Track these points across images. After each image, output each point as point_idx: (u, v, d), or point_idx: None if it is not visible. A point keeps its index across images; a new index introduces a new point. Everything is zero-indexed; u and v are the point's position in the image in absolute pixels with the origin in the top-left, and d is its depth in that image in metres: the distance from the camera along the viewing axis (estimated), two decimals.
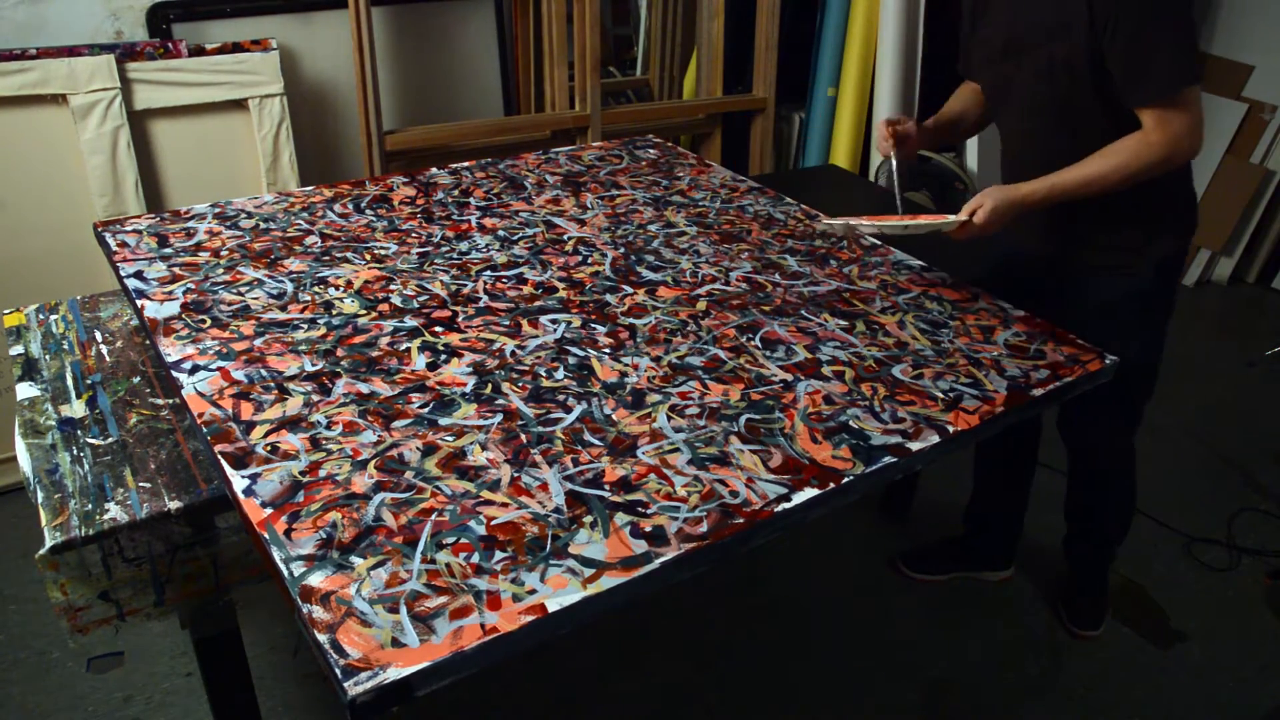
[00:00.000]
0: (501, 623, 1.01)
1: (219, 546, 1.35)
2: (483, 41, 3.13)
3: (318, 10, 2.78)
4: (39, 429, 1.46)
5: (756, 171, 3.55)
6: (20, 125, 2.39)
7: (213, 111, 2.62)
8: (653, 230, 1.96)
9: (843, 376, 1.50)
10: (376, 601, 1.03)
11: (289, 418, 1.31)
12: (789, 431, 1.36)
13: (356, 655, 0.96)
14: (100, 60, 2.41)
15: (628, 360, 1.50)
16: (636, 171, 2.28)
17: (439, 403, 1.36)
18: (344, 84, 2.88)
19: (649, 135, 2.56)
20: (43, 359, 1.62)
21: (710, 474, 1.26)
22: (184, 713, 1.95)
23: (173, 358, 1.44)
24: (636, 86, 3.72)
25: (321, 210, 1.95)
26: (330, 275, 1.69)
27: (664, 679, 2.08)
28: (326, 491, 1.18)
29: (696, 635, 2.20)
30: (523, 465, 1.25)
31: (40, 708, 1.95)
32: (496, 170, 2.22)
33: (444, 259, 1.78)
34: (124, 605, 1.32)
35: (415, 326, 1.55)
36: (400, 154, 2.90)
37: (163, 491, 1.33)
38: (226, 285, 1.64)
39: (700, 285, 1.75)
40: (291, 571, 1.06)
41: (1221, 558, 2.50)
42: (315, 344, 1.49)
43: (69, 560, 1.26)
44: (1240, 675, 2.16)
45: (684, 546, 1.14)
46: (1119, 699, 2.09)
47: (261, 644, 2.09)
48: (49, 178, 2.44)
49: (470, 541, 1.12)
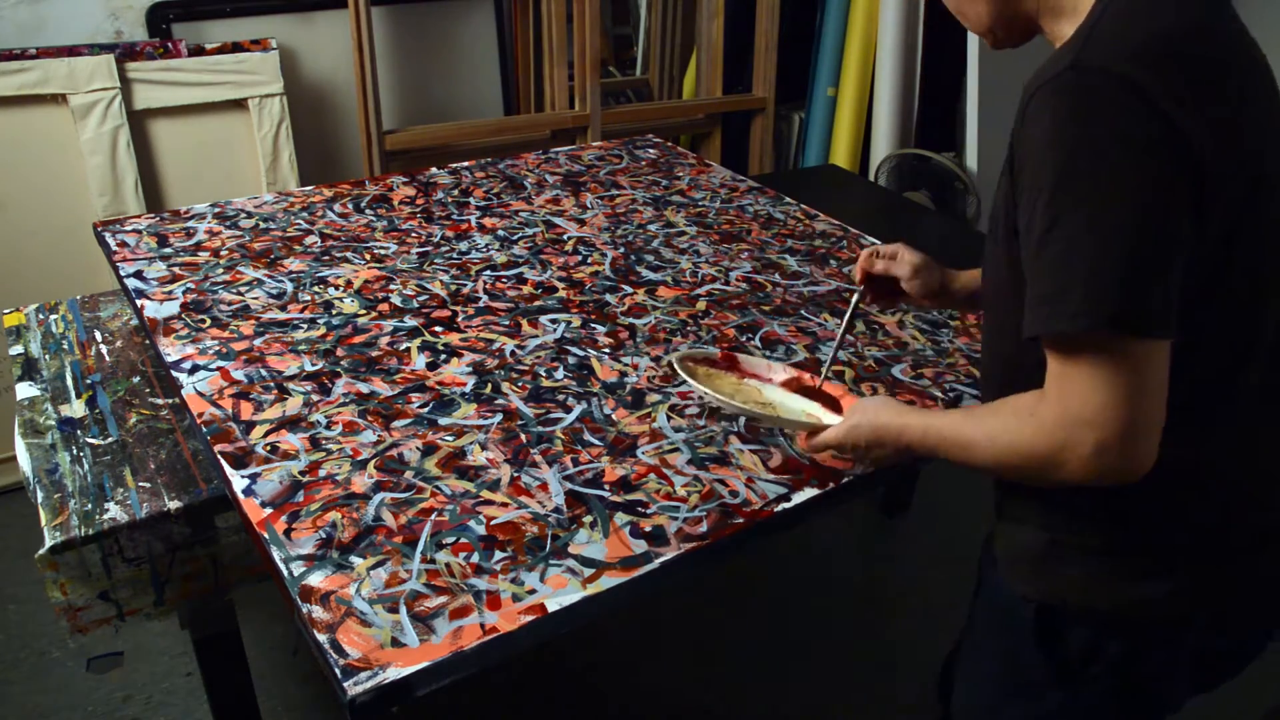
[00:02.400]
0: (501, 623, 1.01)
1: (219, 546, 1.35)
2: (483, 41, 3.13)
3: (318, 10, 2.78)
4: (39, 429, 1.46)
5: (756, 171, 3.55)
6: (20, 125, 2.39)
7: (213, 111, 2.62)
8: (653, 230, 1.96)
9: (843, 376, 1.50)
10: (376, 601, 1.02)
11: (289, 417, 1.31)
12: (789, 432, 1.36)
13: (356, 655, 0.96)
14: (100, 60, 2.41)
15: (628, 360, 1.50)
16: (636, 171, 2.28)
17: (439, 402, 1.36)
18: (344, 84, 2.88)
19: (649, 135, 2.56)
20: (42, 359, 1.62)
21: (710, 474, 1.26)
22: (184, 713, 1.95)
23: (172, 358, 1.43)
24: (636, 86, 3.72)
25: (321, 210, 1.95)
26: (330, 275, 1.69)
27: (664, 679, 2.08)
28: (326, 491, 1.18)
29: (696, 635, 2.20)
30: (523, 465, 1.25)
31: (40, 708, 1.95)
32: (496, 170, 2.22)
33: (444, 259, 1.78)
34: (124, 605, 1.32)
35: (415, 326, 1.55)
36: (400, 154, 2.90)
37: (162, 491, 1.33)
38: (226, 285, 1.64)
39: (700, 285, 1.75)
40: (291, 571, 1.06)
41: None
42: (315, 344, 1.49)
43: (69, 560, 1.26)
44: (1240, 675, 2.16)
45: (684, 546, 1.14)
46: None
47: (261, 644, 2.09)
48: (49, 178, 2.44)
49: (470, 541, 1.12)
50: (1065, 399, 0.83)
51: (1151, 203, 0.78)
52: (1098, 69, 0.80)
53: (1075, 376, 0.82)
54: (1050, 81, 0.82)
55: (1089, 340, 0.80)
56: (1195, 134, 0.79)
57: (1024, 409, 0.88)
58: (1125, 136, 0.78)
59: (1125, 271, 0.79)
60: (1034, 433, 0.85)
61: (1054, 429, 0.83)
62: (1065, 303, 0.80)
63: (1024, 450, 0.86)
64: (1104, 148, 0.79)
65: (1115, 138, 0.79)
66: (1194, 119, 0.79)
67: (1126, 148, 0.78)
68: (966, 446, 0.94)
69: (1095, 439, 0.81)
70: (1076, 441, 0.82)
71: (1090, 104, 0.79)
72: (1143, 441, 0.81)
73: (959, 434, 0.96)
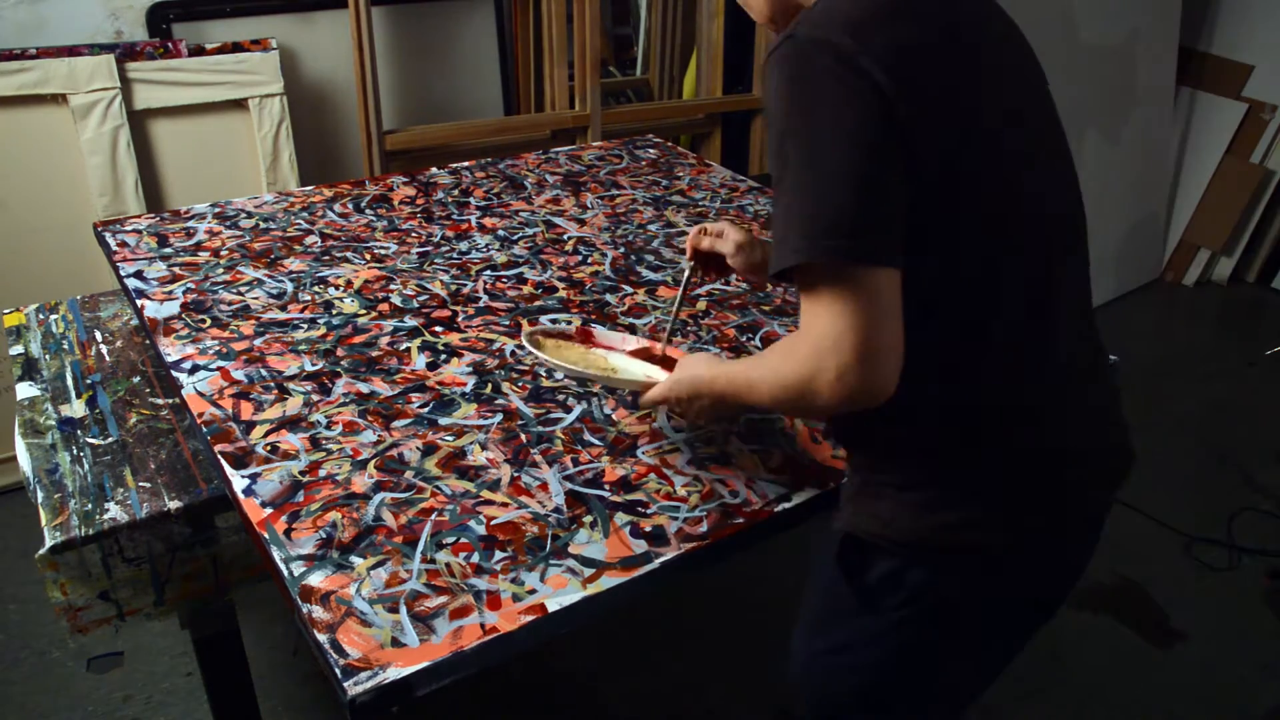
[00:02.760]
0: (501, 623, 1.01)
1: (219, 546, 1.35)
2: (483, 41, 3.12)
3: (318, 10, 2.78)
4: (39, 429, 1.46)
5: (756, 171, 3.55)
6: (20, 125, 2.39)
7: (213, 111, 2.62)
8: (653, 230, 1.96)
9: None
10: (376, 601, 1.03)
11: (289, 417, 1.31)
12: (789, 431, 1.36)
13: (356, 655, 0.96)
14: (100, 60, 2.41)
15: None
16: (636, 171, 2.28)
17: (439, 402, 1.36)
18: (344, 84, 2.88)
19: (649, 135, 2.56)
20: (43, 359, 1.61)
21: (710, 474, 1.26)
22: (184, 713, 1.95)
23: (173, 357, 1.43)
24: (636, 86, 3.72)
25: (321, 210, 1.95)
26: (330, 275, 1.69)
27: (664, 679, 2.08)
28: (326, 491, 1.18)
29: (696, 635, 2.20)
30: (523, 465, 1.25)
31: (40, 708, 1.95)
32: (496, 170, 2.22)
33: (444, 259, 1.78)
34: (124, 605, 1.32)
35: (415, 326, 1.55)
36: (400, 154, 2.90)
37: (163, 491, 1.33)
38: (226, 285, 1.64)
39: (700, 285, 1.75)
40: (291, 571, 1.06)
41: (1221, 557, 2.50)
42: (315, 344, 1.49)
43: (69, 560, 1.26)
44: (1240, 675, 2.16)
45: (684, 546, 1.14)
46: (1119, 699, 2.09)
47: (261, 644, 2.09)
48: (49, 178, 2.44)
49: (470, 541, 1.12)
50: (809, 330, 0.90)
51: (853, 147, 0.87)
52: (805, 37, 0.90)
53: (815, 309, 0.89)
54: (773, 52, 0.93)
55: (820, 273, 0.87)
56: (890, 87, 0.87)
57: (785, 345, 0.96)
58: (827, 91, 0.88)
59: (838, 206, 0.87)
60: (792, 366, 0.92)
61: (804, 359, 0.90)
62: (790, 240, 0.88)
63: (787, 383, 0.93)
64: (810, 102, 0.89)
65: (819, 92, 0.89)
66: (891, 75, 0.87)
67: (828, 100, 0.88)
68: (751, 386, 1.02)
69: (836, 364, 0.88)
70: (823, 368, 0.89)
71: (799, 67, 0.90)
72: (881, 365, 0.88)
73: (746, 376, 1.03)
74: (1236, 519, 2.60)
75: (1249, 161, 3.84)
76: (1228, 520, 2.60)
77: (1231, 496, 2.71)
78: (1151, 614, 2.32)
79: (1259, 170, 3.81)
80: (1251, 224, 3.91)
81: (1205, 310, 3.88)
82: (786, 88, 0.90)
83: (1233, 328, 3.78)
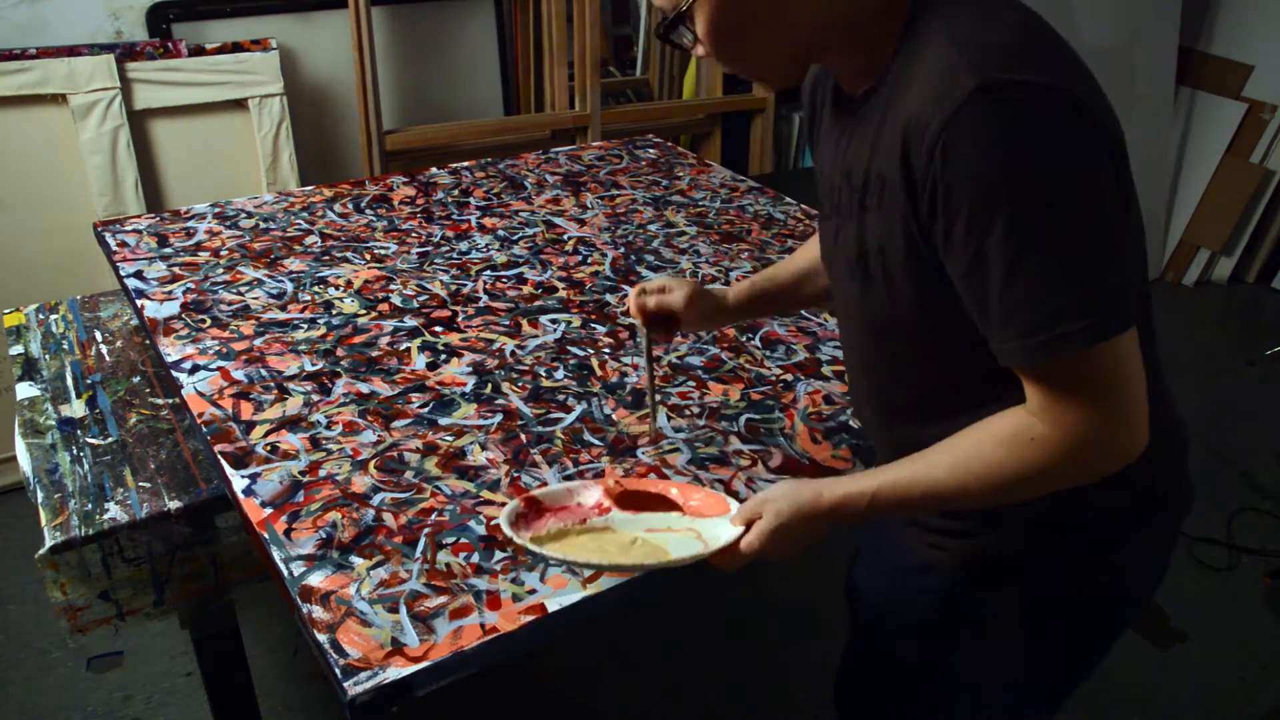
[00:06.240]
0: (501, 623, 1.01)
1: (219, 546, 1.35)
2: (483, 41, 3.12)
3: (318, 10, 2.78)
4: (39, 429, 1.46)
5: (756, 171, 3.55)
6: (20, 125, 2.39)
7: (213, 111, 2.62)
8: (653, 230, 1.96)
9: (843, 377, 1.50)
10: (376, 601, 1.03)
11: (289, 417, 1.31)
12: (789, 431, 1.36)
13: (356, 655, 0.96)
14: (100, 60, 2.41)
15: (628, 360, 1.50)
16: (636, 171, 2.28)
17: (439, 402, 1.36)
18: (344, 84, 2.88)
19: (649, 135, 2.56)
20: (43, 359, 1.62)
21: (710, 474, 1.26)
22: (184, 713, 1.95)
23: (173, 358, 1.43)
24: (636, 86, 3.72)
25: (321, 210, 1.95)
26: (330, 275, 1.69)
27: (664, 679, 2.08)
28: (326, 491, 1.18)
29: (696, 635, 2.20)
30: (523, 465, 1.25)
31: (40, 708, 1.95)
32: (496, 170, 2.22)
33: (444, 259, 1.78)
34: (124, 605, 1.32)
35: (415, 326, 1.55)
36: (400, 154, 2.90)
37: (163, 491, 1.33)
38: (226, 285, 1.64)
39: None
40: (291, 571, 1.06)
41: (1221, 558, 2.50)
42: (315, 344, 1.49)
43: (69, 560, 1.26)
44: (1240, 675, 2.16)
45: None
46: (1119, 699, 2.09)
47: (261, 644, 2.09)
48: (49, 178, 2.44)
49: (470, 541, 1.12)
50: (1064, 419, 0.83)
51: (1107, 212, 0.79)
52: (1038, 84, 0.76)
53: (1069, 395, 0.82)
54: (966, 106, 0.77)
55: (1080, 356, 0.80)
56: (1114, 134, 0.81)
57: (1019, 437, 0.86)
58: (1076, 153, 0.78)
59: (1104, 282, 0.79)
60: (1042, 457, 0.85)
61: (1059, 448, 0.84)
62: (1061, 327, 0.79)
63: (1032, 475, 0.86)
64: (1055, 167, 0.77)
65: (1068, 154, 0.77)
66: (1108, 118, 0.81)
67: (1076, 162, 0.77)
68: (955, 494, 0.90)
69: (1100, 442, 0.83)
70: (1086, 455, 0.84)
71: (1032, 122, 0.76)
72: (1136, 425, 0.84)
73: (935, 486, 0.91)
74: (1236, 519, 2.60)
75: (1249, 161, 3.84)
76: (1227, 520, 2.60)
77: (1231, 497, 2.71)
78: (1151, 614, 2.32)
79: (1259, 170, 3.81)
80: (1251, 224, 3.91)
81: (1205, 310, 3.88)
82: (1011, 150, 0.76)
83: (1233, 328, 3.78)
